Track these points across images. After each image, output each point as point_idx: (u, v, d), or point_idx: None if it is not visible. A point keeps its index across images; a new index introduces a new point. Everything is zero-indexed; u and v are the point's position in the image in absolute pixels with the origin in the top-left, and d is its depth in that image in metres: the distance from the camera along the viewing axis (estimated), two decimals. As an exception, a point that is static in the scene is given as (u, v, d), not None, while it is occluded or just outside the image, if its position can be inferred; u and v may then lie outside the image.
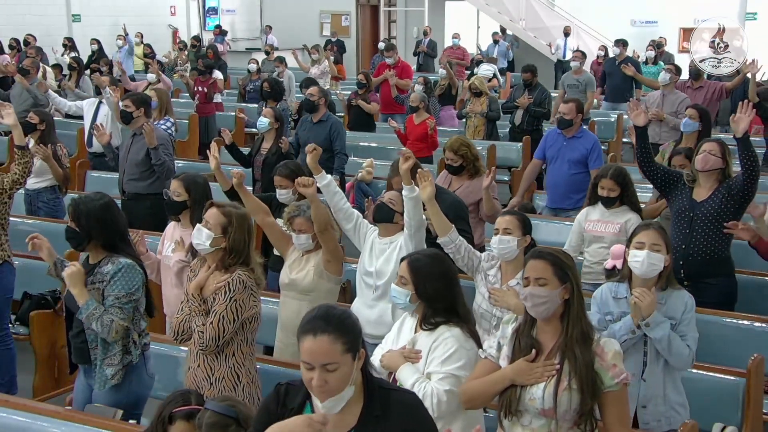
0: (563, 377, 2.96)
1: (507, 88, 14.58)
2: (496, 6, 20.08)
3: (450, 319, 3.40)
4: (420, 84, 10.63)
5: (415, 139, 8.86)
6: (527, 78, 10.25)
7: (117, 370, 3.97)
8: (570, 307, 3.02)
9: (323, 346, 2.51)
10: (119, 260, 3.97)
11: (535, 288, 3.02)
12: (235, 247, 3.81)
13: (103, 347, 3.97)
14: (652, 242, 3.77)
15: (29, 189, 6.90)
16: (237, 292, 3.73)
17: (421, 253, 3.65)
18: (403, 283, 3.46)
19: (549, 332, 3.06)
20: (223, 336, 3.71)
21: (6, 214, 5.35)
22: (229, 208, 3.90)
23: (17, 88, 10.33)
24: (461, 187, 5.94)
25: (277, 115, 7.31)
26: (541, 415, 3.00)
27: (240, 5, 23.64)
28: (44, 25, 17.10)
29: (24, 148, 5.35)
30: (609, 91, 12.64)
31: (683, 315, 3.78)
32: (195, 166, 9.01)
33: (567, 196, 6.82)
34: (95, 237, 3.99)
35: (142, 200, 6.78)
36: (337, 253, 4.69)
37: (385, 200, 4.65)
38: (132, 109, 6.92)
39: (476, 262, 4.40)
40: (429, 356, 3.36)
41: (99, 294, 3.93)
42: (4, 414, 3.86)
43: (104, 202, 4.06)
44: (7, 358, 5.47)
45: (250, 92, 12.99)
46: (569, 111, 6.90)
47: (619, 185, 5.32)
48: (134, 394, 4.06)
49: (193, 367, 3.86)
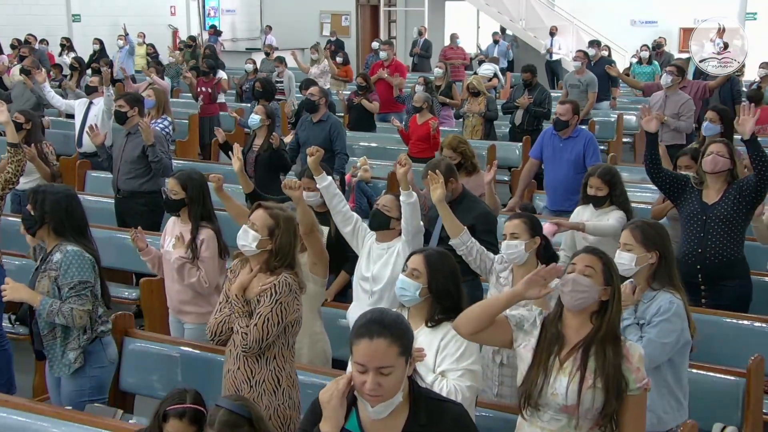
0: (588, 375, 2.95)
1: (507, 88, 14.58)
2: (496, 6, 20.08)
3: (451, 316, 3.39)
4: (420, 84, 10.63)
5: (418, 139, 8.86)
6: (527, 78, 10.26)
7: (78, 354, 4.14)
8: (607, 308, 3.01)
9: (380, 349, 2.49)
10: (66, 248, 4.11)
11: (579, 276, 3.01)
12: (281, 250, 3.76)
13: (64, 333, 4.13)
14: (624, 242, 3.77)
15: (18, 189, 6.84)
16: (283, 295, 3.68)
17: (433, 249, 3.65)
18: (416, 276, 3.43)
19: (574, 327, 3.05)
20: (267, 338, 3.66)
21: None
22: (276, 210, 3.85)
23: (19, 87, 10.32)
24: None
25: (268, 112, 7.35)
26: (562, 412, 2.98)
27: (240, 5, 23.64)
28: (45, 25, 17.10)
29: (17, 146, 5.33)
30: None
31: (654, 317, 3.68)
32: (195, 166, 9.00)
33: (567, 197, 6.73)
34: (48, 222, 4.14)
35: (137, 198, 6.84)
36: (323, 256, 4.67)
37: (380, 207, 4.64)
38: (126, 109, 6.96)
39: (489, 264, 4.38)
40: (439, 354, 3.36)
41: (50, 281, 4.08)
42: (4, 414, 3.87)
43: (67, 194, 4.25)
44: (4, 359, 5.45)
45: (246, 92, 13.00)
46: (565, 112, 6.90)
47: (607, 184, 5.24)
48: (96, 378, 4.22)
49: (233, 369, 3.79)
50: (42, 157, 7.07)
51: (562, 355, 3.02)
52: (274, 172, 7.21)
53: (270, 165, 7.15)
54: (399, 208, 4.54)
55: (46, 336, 4.12)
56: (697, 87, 9.61)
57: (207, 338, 3.98)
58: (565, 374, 2.99)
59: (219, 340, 3.87)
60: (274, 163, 7.18)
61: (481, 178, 5.86)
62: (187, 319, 5.01)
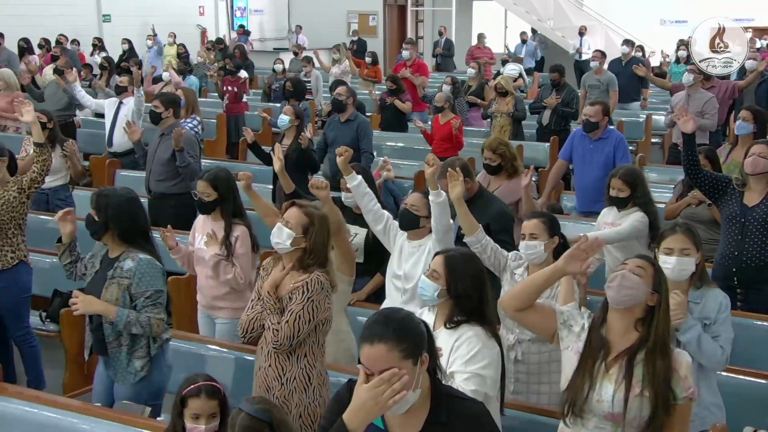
0: (635, 383, 2.91)
1: (535, 88, 14.52)
2: (523, 5, 19.99)
3: (472, 319, 3.38)
4: (448, 84, 10.61)
5: (441, 139, 8.85)
6: (555, 78, 10.20)
7: (145, 362, 4.06)
8: (654, 317, 2.96)
9: (381, 355, 2.46)
10: (138, 256, 4.03)
11: (628, 273, 2.98)
12: (314, 248, 3.78)
13: (131, 340, 4.04)
14: (681, 247, 3.72)
15: (45, 188, 6.89)
16: (315, 293, 3.69)
17: (457, 251, 3.63)
18: (435, 278, 3.43)
19: (618, 332, 3.00)
20: (298, 335, 3.67)
21: (24, 214, 5.34)
22: (310, 209, 3.87)
23: (52, 87, 10.43)
24: (500, 187, 5.91)
25: (297, 112, 7.37)
26: (607, 419, 2.95)
27: (268, 5, 23.73)
28: (75, 25, 17.26)
29: (42, 145, 5.35)
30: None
31: (718, 314, 3.72)
32: (222, 165, 9.04)
33: (597, 199, 6.59)
34: (113, 227, 4.04)
35: (167, 200, 6.84)
36: (350, 255, 4.69)
37: (408, 207, 4.63)
38: (161, 110, 6.99)
39: (503, 262, 4.38)
40: (451, 355, 3.34)
41: (120, 289, 3.98)
42: (35, 410, 3.92)
43: (130, 197, 4.14)
44: (32, 355, 5.53)
45: (275, 91, 13.05)
46: (595, 114, 6.84)
47: (629, 185, 5.15)
48: (155, 384, 4.15)
49: (264, 366, 3.82)
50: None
51: (608, 361, 2.97)
52: (302, 172, 7.22)
53: (298, 165, 7.17)
54: (427, 206, 4.53)
55: (111, 343, 4.04)
56: (726, 87, 9.54)
57: (238, 335, 3.99)
58: (610, 381, 2.95)
59: (250, 337, 3.89)
60: (303, 164, 7.20)
61: (520, 182, 5.82)
62: (220, 315, 5.03)
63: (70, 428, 3.81)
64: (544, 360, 4.09)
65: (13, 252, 5.27)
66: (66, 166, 7.29)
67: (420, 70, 12.40)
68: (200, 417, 3.22)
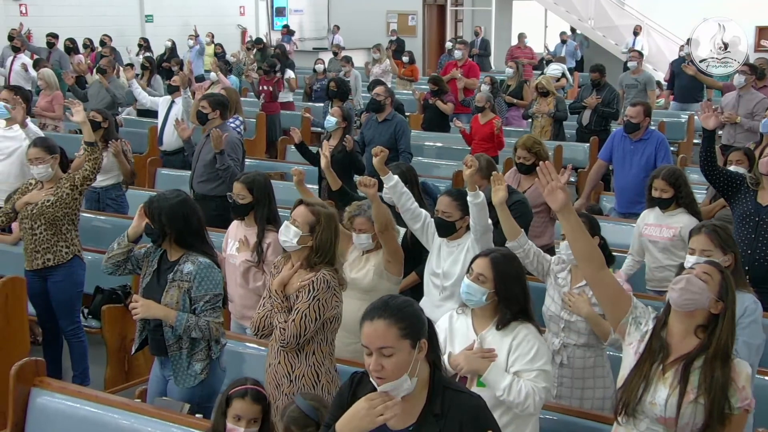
0: (690, 389, 2.86)
1: (575, 88, 14.41)
2: (564, 5, 19.83)
3: (519, 317, 3.39)
4: (487, 84, 10.58)
5: (481, 139, 8.82)
6: (596, 78, 10.11)
7: (205, 365, 4.07)
8: (717, 325, 2.91)
9: (379, 330, 2.55)
10: (198, 259, 4.02)
11: (694, 278, 2.91)
12: (321, 246, 3.81)
13: (191, 344, 4.04)
14: (702, 248, 3.72)
15: (96, 186, 7.01)
16: (321, 291, 3.73)
17: (498, 252, 3.62)
18: (482, 281, 3.42)
19: (678, 336, 2.96)
20: (304, 334, 3.71)
21: (77, 210, 5.46)
22: (317, 207, 3.90)
23: (95, 86, 10.58)
24: (532, 186, 5.86)
25: (344, 114, 7.38)
26: (659, 423, 2.92)
27: (307, 5, 23.83)
28: (119, 25, 17.49)
29: (93, 144, 5.45)
30: (677, 92, 12.42)
31: (740, 318, 3.61)
32: (262, 164, 9.12)
33: (637, 200, 6.58)
34: (169, 233, 4.05)
35: (209, 201, 6.78)
36: (398, 254, 4.68)
37: (440, 214, 4.58)
38: (208, 111, 7.00)
39: (546, 266, 4.32)
40: (511, 354, 3.34)
41: (180, 292, 3.99)
42: (78, 405, 3.97)
43: (179, 200, 4.10)
44: (80, 350, 5.62)
45: (316, 91, 13.11)
46: (636, 114, 6.78)
47: (672, 186, 5.14)
48: (210, 387, 4.14)
49: (273, 364, 3.87)
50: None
51: (665, 364, 2.94)
52: (347, 173, 7.24)
53: (343, 166, 7.18)
54: (458, 208, 4.52)
55: (171, 346, 4.05)
56: (779, 87, 9.38)
57: (251, 333, 4.02)
58: (665, 385, 2.91)
59: (262, 334, 3.94)
60: (347, 165, 7.22)
61: None
62: (249, 325, 5.02)
63: (111, 424, 3.87)
64: (588, 365, 4.06)
65: (68, 247, 5.37)
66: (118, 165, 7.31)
67: (471, 71, 12.35)
68: (242, 419, 3.26)
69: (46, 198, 5.31)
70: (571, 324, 4.05)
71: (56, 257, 5.36)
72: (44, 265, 5.36)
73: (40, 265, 5.37)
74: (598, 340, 4.03)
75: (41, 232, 5.31)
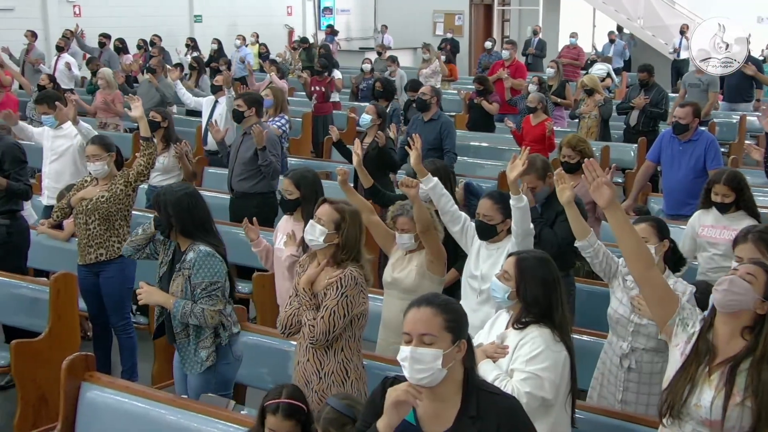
0: (735, 391, 2.82)
1: (623, 88, 14.24)
2: (613, 4, 19.62)
3: (540, 320, 3.35)
4: (534, 84, 10.51)
5: (532, 141, 8.71)
6: (644, 78, 9.99)
7: (210, 353, 4.19)
8: (764, 325, 2.86)
9: (424, 316, 2.56)
10: (199, 248, 4.17)
11: (737, 278, 2.88)
12: (347, 244, 3.86)
13: (196, 332, 4.18)
14: (750, 256, 3.63)
15: (157, 186, 7.07)
16: (348, 288, 3.77)
17: (531, 254, 3.58)
18: (506, 279, 3.43)
19: (724, 338, 2.92)
20: (333, 331, 3.75)
21: (129, 206, 5.56)
22: (342, 205, 3.96)
23: (144, 86, 10.75)
24: (577, 185, 5.81)
25: (379, 111, 7.44)
26: (704, 425, 2.89)
27: (354, 5, 23.91)
28: (168, 25, 17.72)
29: (149, 140, 5.59)
30: (727, 91, 12.18)
31: None
32: (308, 163, 9.17)
33: (685, 202, 6.51)
34: (174, 225, 4.21)
35: (249, 199, 6.86)
36: (440, 254, 4.68)
37: (481, 217, 4.54)
38: (244, 109, 7.05)
39: (614, 267, 4.21)
40: (515, 353, 3.33)
41: (184, 279, 4.14)
42: (126, 400, 4.04)
43: (184, 193, 4.27)
44: (129, 346, 5.72)
45: (362, 90, 13.15)
46: (685, 115, 6.69)
47: (734, 190, 5.07)
48: (222, 375, 4.26)
49: (302, 361, 3.92)
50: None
51: (711, 366, 2.90)
52: (382, 170, 7.27)
53: (377, 163, 7.21)
54: (499, 211, 4.48)
55: (179, 334, 4.21)
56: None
57: (278, 330, 4.06)
58: (711, 387, 2.88)
59: (290, 333, 3.98)
60: (381, 162, 7.24)
61: None
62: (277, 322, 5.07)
63: (158, 419, 3.93)
64: (656, 370, 3.98)
65: (120, 243, 5.45)
66: (179, 166, 7.38)
67: (518, 72, 12.28)
68: None
69: (101, 194, 5.43)
70: (641, 327, 3.98)
71: (108, 252, 5.46)
72: (97, 259, 5.47)
73: (92, 260, 5.48)
74: (666, 346, 3.97)
75: (95, 227, 5.42)
